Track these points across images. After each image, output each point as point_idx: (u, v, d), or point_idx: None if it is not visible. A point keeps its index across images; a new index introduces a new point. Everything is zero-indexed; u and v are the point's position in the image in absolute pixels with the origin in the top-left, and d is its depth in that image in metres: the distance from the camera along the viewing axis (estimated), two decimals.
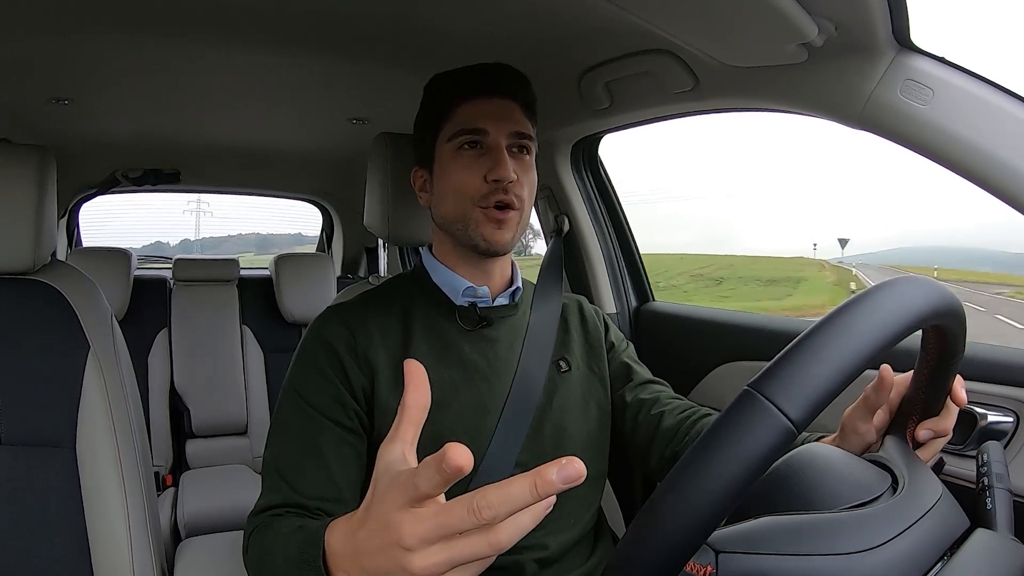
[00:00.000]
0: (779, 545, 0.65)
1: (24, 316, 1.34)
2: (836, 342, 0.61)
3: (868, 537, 0.64)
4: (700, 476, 0.57)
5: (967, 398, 0.89)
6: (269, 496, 1.11)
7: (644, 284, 2.19)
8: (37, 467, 1.29)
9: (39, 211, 1.32)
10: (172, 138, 2.76)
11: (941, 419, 0.88)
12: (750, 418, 0.58)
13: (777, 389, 0.58)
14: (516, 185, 1.20)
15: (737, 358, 1.77)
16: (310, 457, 1.12)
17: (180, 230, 4.04)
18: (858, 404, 0.95)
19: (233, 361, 3.23)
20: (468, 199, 1.20)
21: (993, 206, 1.05)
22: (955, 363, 0.82)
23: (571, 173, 2.09)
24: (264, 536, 1.02)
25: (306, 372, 1.18)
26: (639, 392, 1.33)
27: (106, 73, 1.89)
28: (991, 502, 0.76)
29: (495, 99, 1.23)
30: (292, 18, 1.52)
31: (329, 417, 1.14)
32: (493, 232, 1.20)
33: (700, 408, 1.28)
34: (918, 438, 0.89)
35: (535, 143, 1.28)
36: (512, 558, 1.15)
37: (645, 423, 1.29)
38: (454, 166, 1.22)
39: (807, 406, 0.58)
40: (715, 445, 0.58)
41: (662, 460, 1.26)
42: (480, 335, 1.25)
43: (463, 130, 1.21)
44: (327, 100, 2.22)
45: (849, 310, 0.63)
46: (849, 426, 0.96)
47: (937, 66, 1.11)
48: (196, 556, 1.70)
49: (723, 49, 1.29)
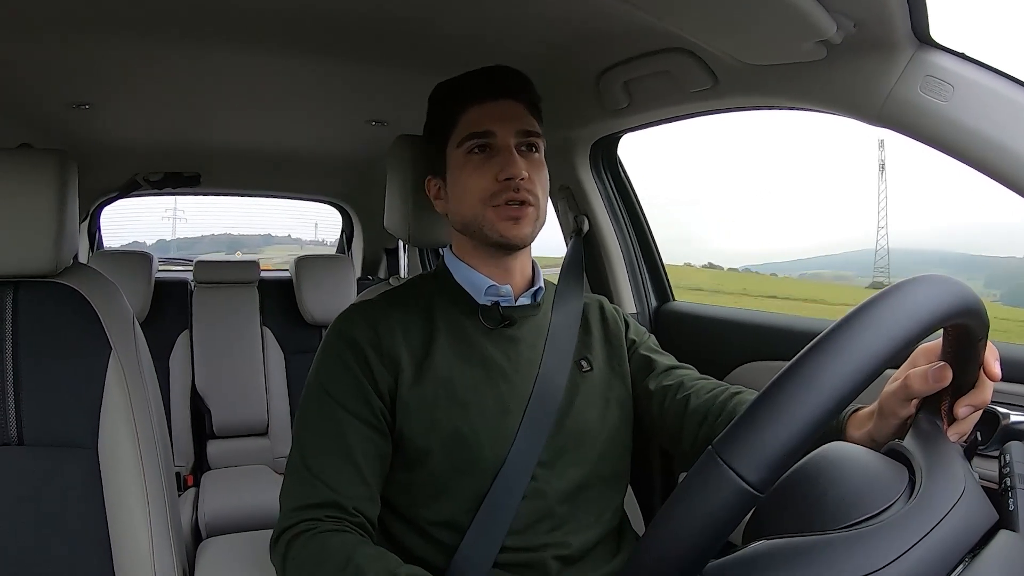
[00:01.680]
0: (779, 571, 0.64)
1: (46, 318, 1.35)
2: (800, 396, 0.60)
3: (875, 557, 0.63)
4: (666, 538, 0.60)
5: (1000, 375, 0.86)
6: (304, 494, 1.12)
7: (664, 284, 2.18)
8: (59, 468, 1.30)
9: (60, 215, 1.33)
10: (192, 142, 2.78)
11: (977, 392, 0.84)
12: (710, 482, 0.59)
13: (736, 453, 0.59)
14: (528, 182, 1.21)
15: (758, 358, 1.75)
16: (341, 455, 1.13)
17: (156, 231, 4.21)
18: (896, 390, 0.89)
19: (254, 362, 3.25)
20: (481, 201, 1.21)
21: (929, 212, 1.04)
22: (982, 341, 0.80)
23: (590, 173, 2.08)
24: (316, 558, 1.05)
25: (332, 369, 1.19)
26: (663, 379, 1.32)
27: (125, 78, 1.90)
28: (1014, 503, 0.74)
29: (500, 101, 1.24)
30: (311, 22, 1.52)
31: (356, 415, 1.15)
32: (510, 228, 1.21)
33: (729, 387, 1.26)
34: (958, 415, 0.84)
35: (543, 140, 1.28)
36: (534, 555, 1.15)
37: (672, 408, 1.27)
38: (465, 170, 1.24)
39: (766, 469, 0.58)
40: (678, 508, 0.60)
41: (696, 442, 1.23)
42: (502, 334, 1.25)
43: (471, 134, 1.23)
44: (346, 103, 2.23)
45: (811, 357, 0.62)
46: (888, 410, 0.91)
47: (957, 62, 1.09)
48: (217, 556, 1.70)
49: (741, 47, 1.28)
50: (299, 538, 1.08)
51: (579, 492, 1.21)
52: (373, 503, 1.15)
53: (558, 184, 2.12)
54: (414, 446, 1.16)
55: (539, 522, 1.16)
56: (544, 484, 1.17)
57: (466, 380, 1.20)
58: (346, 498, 1.11)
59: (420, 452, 1.16)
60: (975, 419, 0.87)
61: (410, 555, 1.13)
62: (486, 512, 1.14)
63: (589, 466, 1.22)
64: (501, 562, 1.13)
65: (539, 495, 1.17)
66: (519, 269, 1.30)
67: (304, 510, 1.10)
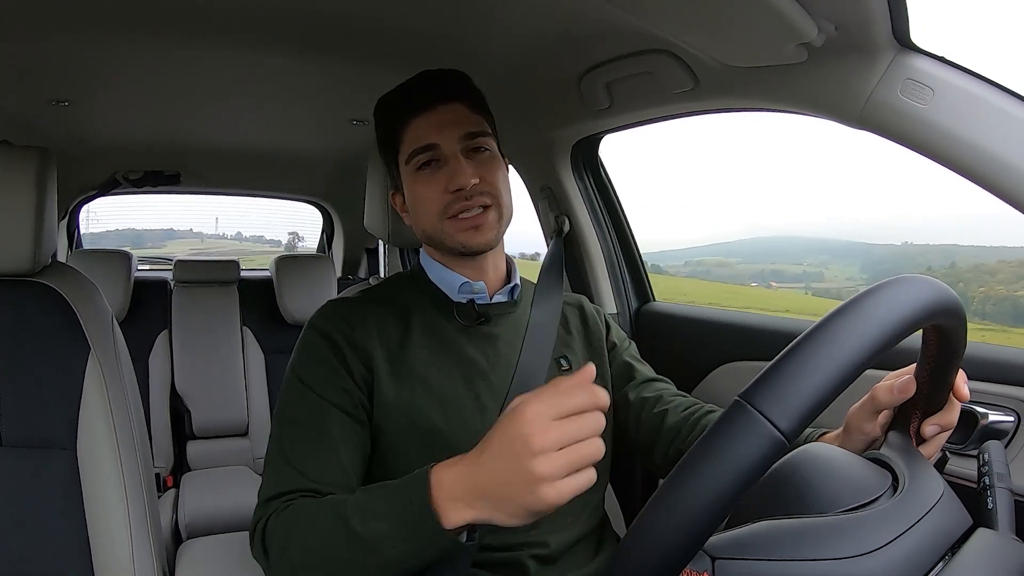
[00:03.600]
0: (776, 550, 0.65)
1: (25, 318, 1.34)
2: (827, 351, 0.61)
3: (866, 540, 0.65)
4: (692, 487, 0.58)
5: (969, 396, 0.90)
6: (279, 483, 1.11)
7: (645, 285, 2.19)
8: (38, 469, 1.29)
9: (39, 213, 1.32)
10: (173, 140, 2.76)
11: (945, 413, 0.89)
12: (741, 430, 0.58)
13: (767, 400, 0.59)
14: (482, 185, 1.20)
15: (738, 358, 1.76)
16: (318, 444, 1.12)
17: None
18: (863, 404, 0.95)
19: (234, 362, 3.23)
20: (437, 215, 1.21)
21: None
22: (957, 359, 0.82)
23: (571, 173, 2.09)
24: (298, 516, 1.03)
25: (309, 362, 1.18)
26: (641, 391, 1.33)
27: (105, 75, 1.89)
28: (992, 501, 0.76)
29: (438, 108, 1.23)
30: (293, 20, 1.52)
31: (335, 404, 1.14)
32: (472, 237, 1.21)
33: (704, 405, 1.29)
34: (925, 434, 0.89)
35: (493, 136, 1.27)
36: (512, 555, 1.15)
37: (648, 421, 1.29)
38: (417, 186, 1.23)
39: (797, 417, 0.58)
40: (707, 456, 0.59)
41: (667, 458, 1.26)
42: (479, 332, 1.25)
43: (415, 150, 1.22)
44: (328, 101, 2.23)
45: (840, 316, 0.63)
46: (854, 425, 0.96)
47: (937, 66, 1.10)
48: (197, 558, 1.69)
49: (723, 49, 1.29)
50: (270, 520, 1.06)
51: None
52: (350, 492, 1.11)
53: (539, 184, 2.13)
54: (391, 443, 1.16)
55: None
56: None
57: (443, 378, 1.20)
58: (323, 484, 1.09)
59: (397, 449, 1.16)
60: (942, 440, 0.92)
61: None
62: None
63: None
64: (479, 561, 1.13)
65: None
66: (492, 266, 1.30)
67: (277, 498, 1.09)
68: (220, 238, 6.12)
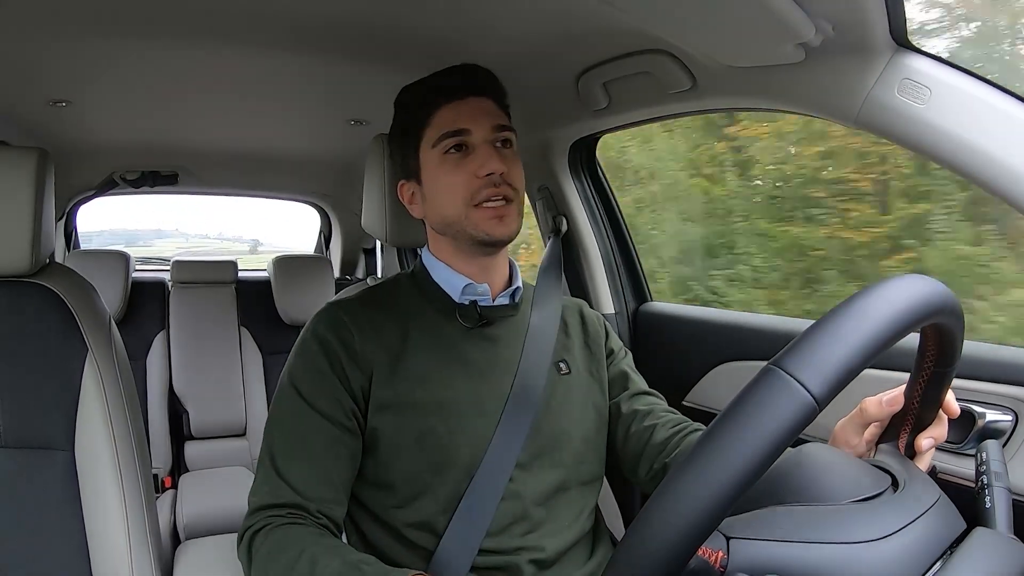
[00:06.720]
0: (789, 532, 0.66)
1: (22, 319, 1.34)
2: (856, 324, 0.61)
3: (874, 528, 0.66)
4: (722, 451, 0.57)
5: (961, 399, 0.91)
6: (267, 494, 1.13)
7: (643, 285, 2.19)
8: (36, 470, 1.29)
9: (37, 213, 1.32)
10: (171, 140, 2.75)
11: (936, 427, 0.91)
12: (773, 394, 0.58)
13: (800, 365, 0.58)
14: (507, 176, 1.20)
15: (735, 358, 1.76)
16: (309, 456, 1.13)
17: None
18: (852, 417, 0.97)
19: (231, 363, 3.23)
20: (464, 201, 1.20)
21: None
22: (950, 373, 0.83)
23: (569, 174, 2.09)
24: (280, 551, 1.05)
25: (304, 369, 1.19)
26: (634, 403, 1.33)
27: (103, 76, 1.88)
28: (990, 501, 0.76)
29: (470, 99, 1.23)
30: (291, 21, 1.51)
31: (327, 416, 1.15)
32: (496, 226, 1.20)
33: (692, 423, 1.29)
34: (919, 448, 0.91)
35: (515, 134, 1.28)
36: (509, 559, 1.15)
37: (637, 434, 1.29)
38: (443, 170, 1.22)
39: (830, 382, 0.58)
40: (738, 420, 0.58)
41: (651, 472, 1.26)
42: (481, 334, 1.25)
43: (446, 133, 1.21)
44: (326, 102, 2.22)
45: (865, 296, 0.64)
46: (841, 439, 0.97)
47: (934, 65, 1.10)
48: (195, 559, 1.70)
49: (720, 49, 1.29)
50: (260, 533, 1.09)
51: (555, 495, 1.21)
52: (339, 505, 1.16)
53: (537, 184, 2.13)
54: (389, 444, 1.16)
55: (514, 524, 1.16)
56: (520, 486, 1.17)
57: (442, 379, 1.19)
58: (311, 500, 1.11)
59: (395, 450, 1.16)
60: (930, 455, 0.93)
61: (386, 559, 1.11)
62: (462, 513, 1.14)
63: (566, 469, 1.22)
64: (476, 566, 1.13)
65: (515, 497, 1.17)
66: (497, 268, 1.30)
67: (268, 509, 1.12)
68: (204, 238, 6.95)
